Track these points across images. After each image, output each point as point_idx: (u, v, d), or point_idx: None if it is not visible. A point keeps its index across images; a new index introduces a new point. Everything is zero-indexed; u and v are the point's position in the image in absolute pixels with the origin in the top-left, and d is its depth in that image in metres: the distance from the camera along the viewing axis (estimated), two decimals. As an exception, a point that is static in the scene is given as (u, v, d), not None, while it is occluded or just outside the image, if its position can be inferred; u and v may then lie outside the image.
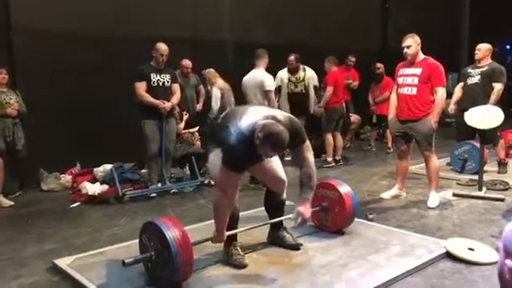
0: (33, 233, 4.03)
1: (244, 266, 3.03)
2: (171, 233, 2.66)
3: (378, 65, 8.01)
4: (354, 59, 8.11)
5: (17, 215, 4.67)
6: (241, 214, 3.25)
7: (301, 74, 6.23)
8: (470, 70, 5.77)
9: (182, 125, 6.03)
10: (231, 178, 2.77)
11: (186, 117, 6.15)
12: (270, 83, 5.33)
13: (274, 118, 2.71)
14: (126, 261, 2.71)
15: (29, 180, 5.64)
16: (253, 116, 2.74)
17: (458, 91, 5.89)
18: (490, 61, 5.70)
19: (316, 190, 3.72)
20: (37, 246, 3.68)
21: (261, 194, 3.53)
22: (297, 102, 6.31)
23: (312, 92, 6.41)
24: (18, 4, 5.52)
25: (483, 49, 5.68)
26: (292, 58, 6.14)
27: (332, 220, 3.66)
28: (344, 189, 3.63)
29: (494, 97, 5.45)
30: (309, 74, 6.31)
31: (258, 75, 5.28)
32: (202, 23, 7.17)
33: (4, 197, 4.97)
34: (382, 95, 7.79)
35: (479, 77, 5.62)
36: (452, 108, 5.92)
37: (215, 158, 2.90)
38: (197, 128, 6.23)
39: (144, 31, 6.17)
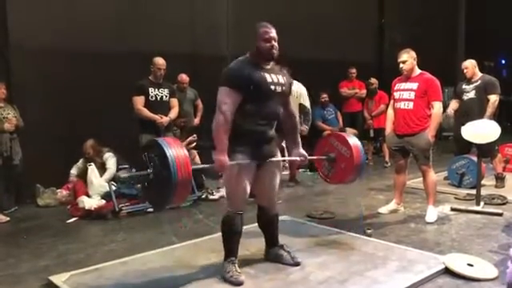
0: (28, 249, 3.99)
1: (240, 284, 3.00)
2: (172, 151, 2.67)
3: (373, 80, 8.12)
4: (354, 70, 8.32)
5: (12, 231, 4.62)
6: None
7: None
8: (464, 86, 5.82)
9: None
10: (228, 96, 2.96)
11: (192, 138, 5.84)
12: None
13: None
14: (121, 175, 2.66)
15: (25, 195, 5.59)
16: None
17: (453, 103, 5.98)
18: (481, 74, 5.76)
19: (328, 138, 3.80)
20: (32, 263, 3.64)
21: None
22: None
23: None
24: (15, 21, 5.53)
25: (471, 66, 5.74)
26: None
27: (335, 173, 3.66)
28: (356, 149, 3.54)
29: (490, 109, 5.49)
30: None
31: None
32: (201, 38, 7.20)
33: (-1, 212, 4.94)
34: (377, 109, 7.93)
35: (474, 91, 5.67)
36: (450, 110, 5.90)
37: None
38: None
39: (142, 47, 6.19)
